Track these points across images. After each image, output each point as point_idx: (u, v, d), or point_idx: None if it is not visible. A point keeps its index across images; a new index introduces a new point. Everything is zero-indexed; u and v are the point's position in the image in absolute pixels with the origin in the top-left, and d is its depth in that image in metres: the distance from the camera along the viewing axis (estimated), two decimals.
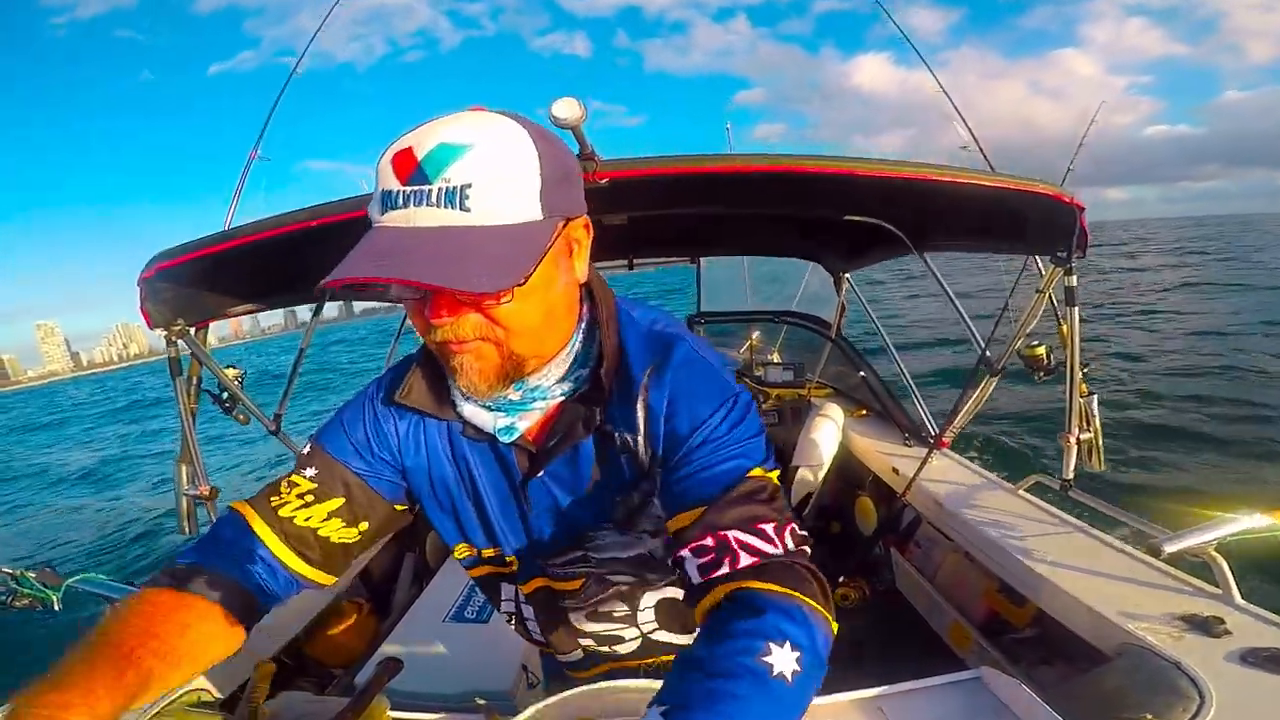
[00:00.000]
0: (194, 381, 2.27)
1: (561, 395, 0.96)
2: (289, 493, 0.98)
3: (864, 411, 3.57)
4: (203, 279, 2.00)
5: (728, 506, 0.84)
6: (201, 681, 1.53)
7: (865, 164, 1.66)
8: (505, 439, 0.97)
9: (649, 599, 1.11)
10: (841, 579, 2.88)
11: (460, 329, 0.80)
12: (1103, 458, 2.18)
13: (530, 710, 1.03)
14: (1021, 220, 1.98)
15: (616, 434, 0.97)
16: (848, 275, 3.68)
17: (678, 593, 1.09)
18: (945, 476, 2.58)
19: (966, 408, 2.63)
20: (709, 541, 0.82)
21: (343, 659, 2.32)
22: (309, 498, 0.98)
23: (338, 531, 0.99)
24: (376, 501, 1.03)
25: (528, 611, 1.18)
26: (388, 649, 2.08)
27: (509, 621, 1.24)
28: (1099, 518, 2.02)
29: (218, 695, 1.55)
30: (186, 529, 2.23)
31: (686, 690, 0.69)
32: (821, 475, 3.35)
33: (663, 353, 0.96)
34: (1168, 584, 1.61)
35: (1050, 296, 2.23)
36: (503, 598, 1.19)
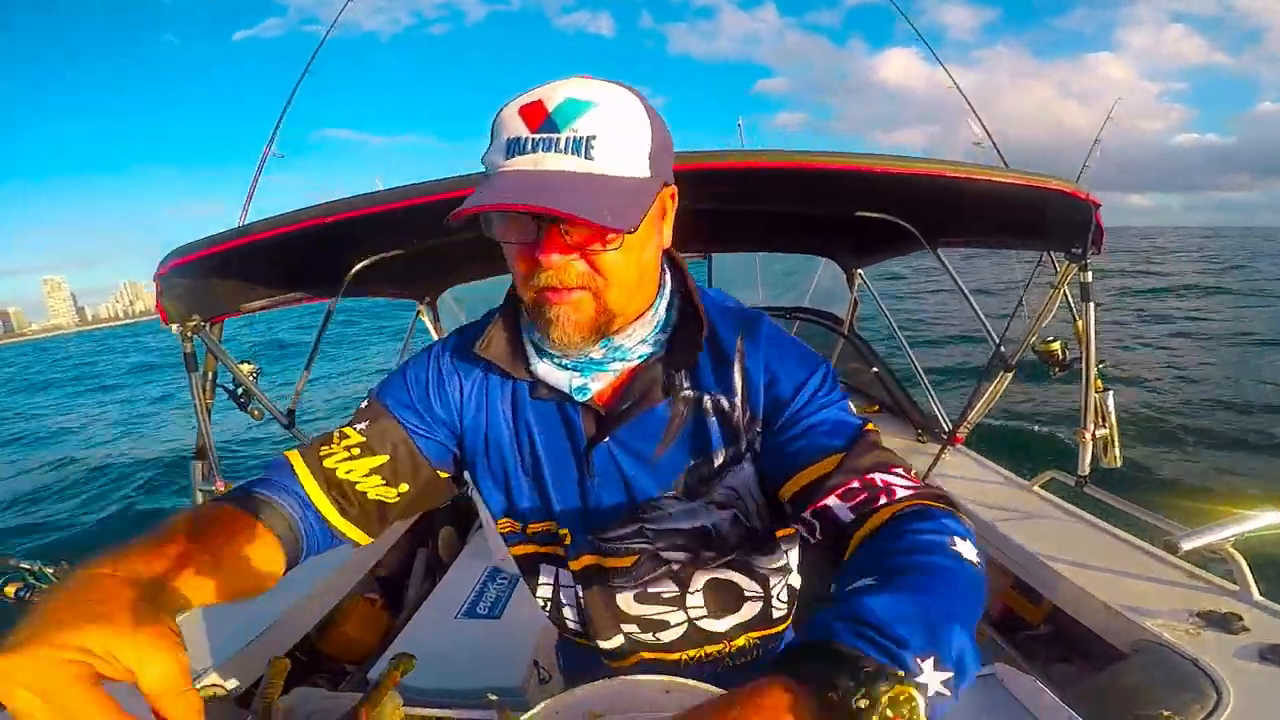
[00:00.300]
0: (209, 377, 2.28)
1: (639, 359, 0.98)
2: (338, 444, 0.99)
3: (877, 408, 3.55)
4: (218, 275, 2.02)
5: (862, 452, 0.87)
6: (217, 677, 1.55)
7: (878, 160, 1.65)
8: (579, 398, 0.98)
9: (699, 580, 1.08)
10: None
11: (565, 275, 0.83)
12: (1119, 454, 2.17)
13: (541, 706, 1.03)
14: (1037, 216, 1.96)
15: (708, 396, 0.99)
16: (860, 271, 3.66)
17: (729, 575, 1.08)
18: (959, 472, 2.57)
19: (981, 403, 2.62)
20: (855, 484, 0.84)
21: (356, 655, 2.33)
22: (355, 450, 0.98)
23: (376, 489, 0.99)
24: (421, 465, 1.03)
25: (567, 596, 1.13)
26: (400, 645, 2.09)
27: (544, 608, 1.19)
28: (1115, 514, 2.01)
29: (232, 691, 1.56)
30: None
31: (893, 564, 0.69)
32: None
33: (751, 325, 1.01)
34: (1185, 581, 1.60)
35: (1065, 292, 2.21)
36: (541, 580, 1.14)
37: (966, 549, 0.71)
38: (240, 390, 2.39)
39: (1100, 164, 3.11)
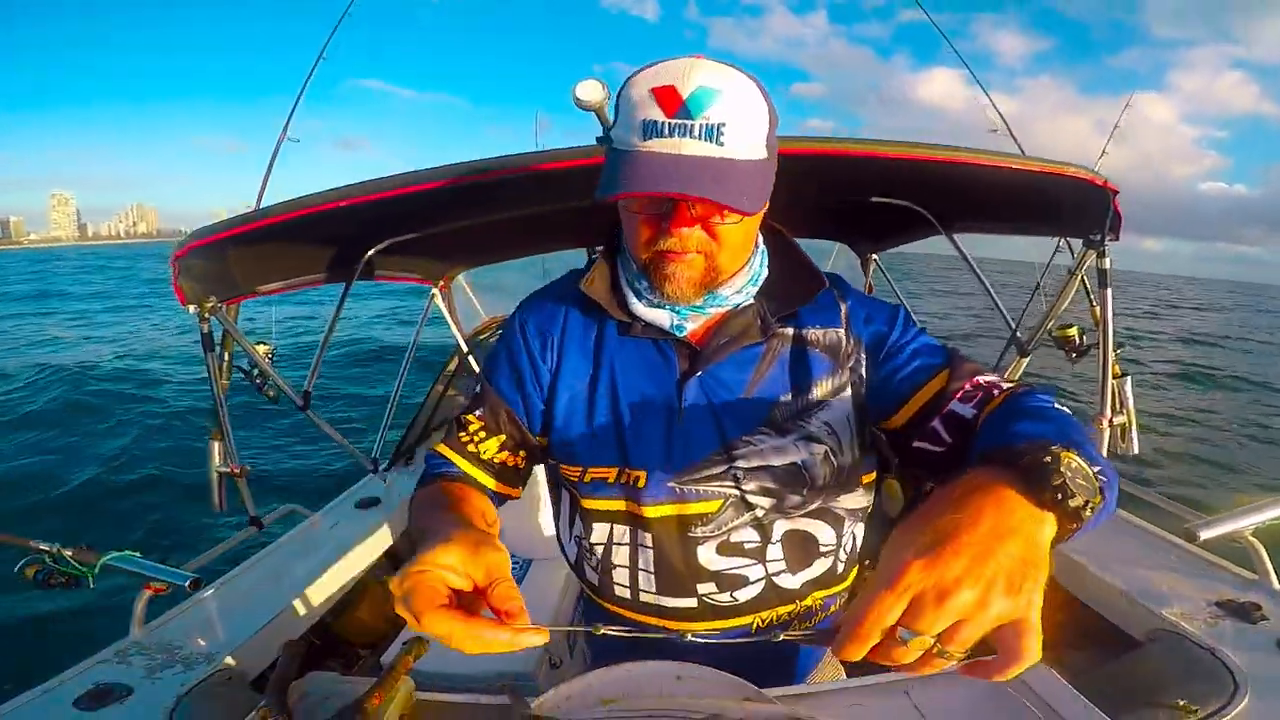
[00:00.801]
0: (226, 358, 2.30)
1: (733, 305, 1.07)
2: (468, 431, 1.15)
3: None
4: (234, 257, 2.04)
5: (961, 363, 1.02)
6: (233, 660, 1.56)
7: (894, 146, 1.64)
8: (678, 334, 1.07)
9: (780, 529, 1.09)
10: (867, 561, 2.85)
11: (687, 241, 0.95)
12: (1136, 440, 2.15)
13: (553, 691, 1.03)
14: (1054, 203, 1.95)
15: (809, 330, 1.09)
16: (875, 257, 3.64)
17: (810, 525, 1.11)
18: None
19: None
20: (968, 387, 0.98)
21: (370, 639, 2.34)
22: (480, 434, 1.15)
23: (505, 457, 1.15)
24: (527, 434, 1.17)
25: (644, 558, 1.11)
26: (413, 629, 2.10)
27: (596, 571, 1.17)
28: (1133, 501, 1.99)
29: (248, 674, 1.57)
30: (218, 505, 2.27)
31: (1019, 409, 0.87)
32: None
33: (837, 278, 1.16)
34: (1203, 569, 1.59)
35: (1083, 279, 2.19)
36: (615, 541, 1.13)
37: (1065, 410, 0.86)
38: (256, 372, 2.40)
39: (1124, 201, 3.08)
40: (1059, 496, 0.62)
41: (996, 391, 0.96)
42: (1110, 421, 2.13)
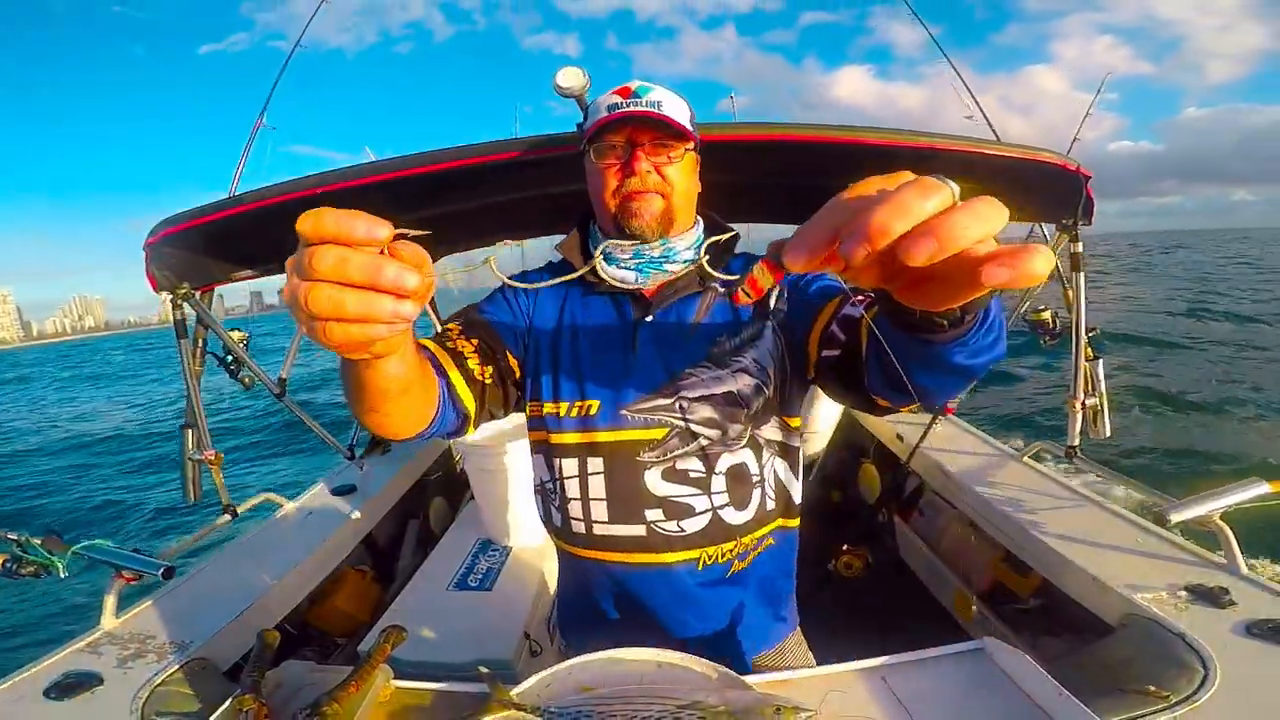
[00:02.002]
0: (199, 345, 2.27)
1: (683, 264, 1.27)
2: (449, 331, 1.23)
3: None
4: (208, 244, 2.01)
5: (855, 291, 1.19)
6: (207, 649, 1.54)
7: (870, 133, 1.64)
8: (640, 285, 1.26)
9: (724, 462, 1.21)
10: (845, 547, 2.88)
11: (646, 179, 1.20)
12: (1109, 423, 2.17)
13: (534, 679, 1.03)
14: (1028, 188, 1.96)
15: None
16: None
17: (749, 456, 1.23)
18: (949, 443, 2.57)
19: None
20: (859, 298, 1.13)
21: (346, 628, 2.33)
22: (457, 332, 1.22)
23: (477, 366, 1.19)
24: (501, 350, 1.25)
25: (595, 486, 1.22)
26: (391, 617, 2.09)
27: (559, 509, 1.27)
28: (1104, 484, 2.02)
29: (221, 664, 1.56)
30: (192, 495, 2.24)
31: None
32: (825, 443, 3.34)
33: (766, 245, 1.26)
34: (1173, 554, 1.61)
35: (1056, 262, 2.21)
36: (570, 475, 1.24)
37: None
38: (231, 359, 2.38)
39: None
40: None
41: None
42: (1083, 404, 2.15)
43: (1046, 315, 2.41)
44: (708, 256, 1.17)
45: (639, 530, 1.20)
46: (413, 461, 3.16)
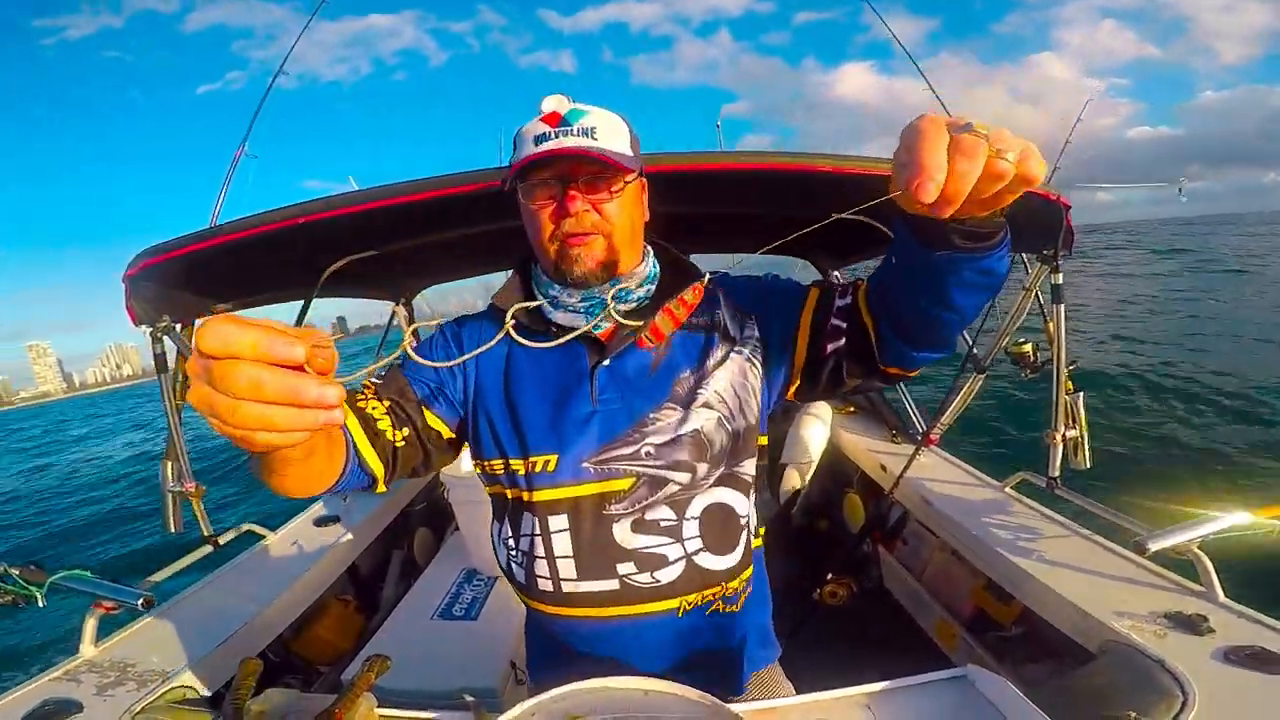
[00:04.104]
0: (180, 378, 2.26)
1: (636, 301, 1.21)
2: (363, 391, 1.16)
3: (852, 409, 3.58)
4: (188, 276, 1.98)
5: (825, 281, 1.21)
6: (188, 678, 1.53)
7: (851, 162, 1.65)
8: (596, 331, 1.19)
9: (697, 505, 1.16)
10: (829, 576, 2.88)
11: (583, 220, 1.12)
12: (1088, 455, 2.19)
13: (519, 708, 1.03)
14: (1007, 218, 1.99)
15: (694, 318, 1.23)
16: (837, 273, 3.68)
17: (725, 496, 1.18)
18: (933, 474, 2.59)
19: (954, 405, 2.65)
20: (837, 286, 1.16)
21: (329, 656, 2.31)
22: (370, 394, 1.15)
23: (389, 430, 1.13)
24: (418, 413, 1.18)
25: (560, 544, 1.15)
26: (375, 646, 2.08)
27: (523, 567, 1.20)
28: (1085, 515, 2.03)
29: (204, 692, 1.55)
30: (172, 526, 2.22)
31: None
32: (810, 473, 3.35)
33: (722, 275, 1.29)
34: (1152, 581, 1.62)
35: (1037, 294, 2.24)
36: (533, 532, 1.17)
37: None
38: None
39: (1063, 162, 3.15)
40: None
41: (861, 280, 1.14)
42: (1063, 436, 2.17)
43: (1028, 348, 2.43)
44: (627, 306, 1.20)
45: (612, 585, 1.15)
46: (396, 493, 3.14)
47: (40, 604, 1.55)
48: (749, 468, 1.21)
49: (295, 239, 1.81)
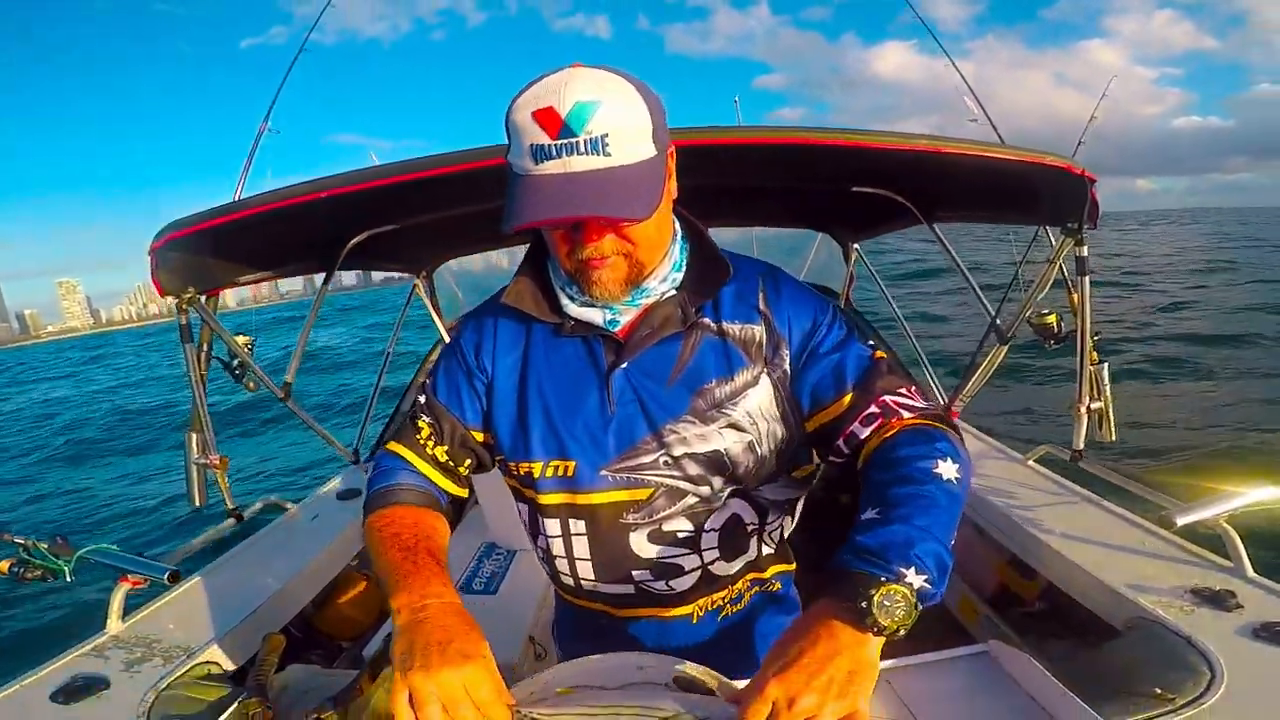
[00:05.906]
0: (204, 349, 2.27)
1: (659, 294, 1.11)
2: (420, 432, 1.20)
3: None
4: (213, 249, 2.03)
5: (875, 380, 1.06)
6: (212, 653, 1.55)
7: (874, 136, 1.63)
8: (611, 329, 1.11)
9: (715, 520, 1.14)
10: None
11: (603, 247, 1.00)
12: (1114, 428, 2.17)
13: (519, 684, 1.02)
14: (1032, 192, 1.96)
15: (729, 324, 1.12)
16: (857, 246, 3.65)
17: (743, 510, 1.16)
18: None
19: (976, 377, 2.62)
20: (874, 409, 1.04)
21: (351, 632, 2.33)
22: (430, 440, 1.19)
23: (454, 461, 1.21)
24: (471, 441, 1.21)
25: (579, 547, 1.17)
26: None
27: (547, 564, 1.24)
28: (1109, 489, 2.01)
29: (228, 668, 1.56)
30: (197, 499, 2.24)
31: (886, 496, 0.91)
32: None
33: (773, 271, 1.19)
34: (1179, 557, 1.60)
35: (1061, 266, 2.21)
36: (554, 534, 1.18)
37: (947, 469, 0.94)
38: (236, 363, 2.38)
39: (1100, 147, 3.11)
40: (876, 627, 0.79)
41: (895, 420, 1.03)
42: (1088, 408, 2.15)
43: (1051, 319, 2.40)
44: (649, 301, 1.10)
45: (627, 589, 1.18)
46: None
47: (68, 578, 1.57)
48: (768, 492, 1.17)
49: (317, 213, 1.82)
